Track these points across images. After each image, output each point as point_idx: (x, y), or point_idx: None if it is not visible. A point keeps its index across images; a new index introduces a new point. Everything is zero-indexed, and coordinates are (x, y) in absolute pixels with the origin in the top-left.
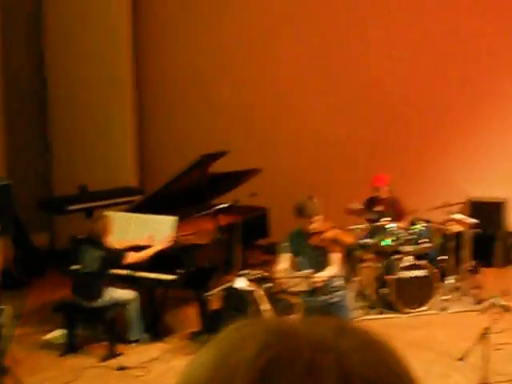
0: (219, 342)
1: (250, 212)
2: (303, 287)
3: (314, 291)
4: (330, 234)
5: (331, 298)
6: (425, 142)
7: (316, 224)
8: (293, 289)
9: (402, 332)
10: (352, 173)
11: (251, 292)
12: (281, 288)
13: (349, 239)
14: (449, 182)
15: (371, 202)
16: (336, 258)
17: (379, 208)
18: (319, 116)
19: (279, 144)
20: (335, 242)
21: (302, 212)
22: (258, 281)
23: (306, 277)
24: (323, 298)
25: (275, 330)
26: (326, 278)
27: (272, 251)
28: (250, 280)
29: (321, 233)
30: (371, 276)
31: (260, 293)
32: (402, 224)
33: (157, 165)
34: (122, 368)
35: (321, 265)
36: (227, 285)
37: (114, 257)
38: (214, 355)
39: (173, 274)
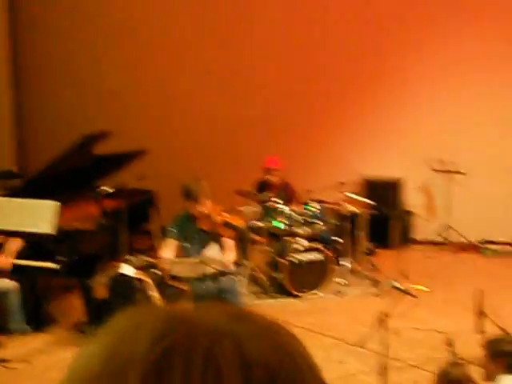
0: (109, 332)
1: (136, 195)
2: (193, 273)
3: (203, 277)
4: (219, 218)
5: (222, 284)
6: (317, 121)
7: (204, 207)
8: (182, 275)
9: (297, 317)
10: (242, 155)
11: (138, 279)
12: (169, 274)
13: (239, 222)
14: (342, 161)
15: (262, 187)
16: (229, 243)
17: (271, 194)
18: (208, 97)
19: (167, 125)
20: (225, 225)
21: (188, 194)
22: (146, 267)
23: (202, 262)
24: (213, 283)
25: (168, 318)
26: (229, 263)
27: (160, 236)
28: (136, 267)
29: (209, 216)
30: (263, 260)
31: (147, 279)
32: (294, 207)
33: (39, 148)
34: (2, 360)
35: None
36: (113, 272)
37: None
38: (103, 346)
39: (55, 261)
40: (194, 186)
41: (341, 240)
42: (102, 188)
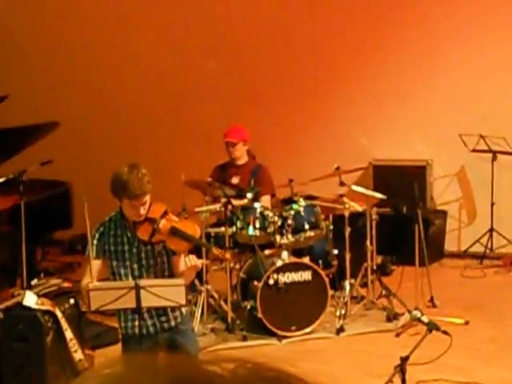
0: None
1: (42, 190)
2: (124, 304)
3: (140, 311)
4: (166, 224)
5: (169, 321)
6: (307, 89)
7: (143, 206)
8: (109, 307)
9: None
10: (194, 133)
11: (47, 312)
12: (93, 306)
13: (193, 229)
14: (342, 140)
15: (222, 172)
16: (180, 260)
17: (235, 180)
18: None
19: (90, 90)
20: (173, 234)
21: (124, 189)
22: (58, 296)
23: (136, 287)
24: (158, 320)
25: None
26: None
27: (76, 249)
28: (42, 295)
29: (152, 221)
30: (227, 283)
31: (59, 314)
32: (267, 203)
33: None
34: None
35: (152, 270)
36: (7, 303)
37: None
38: None
39: None
40: (131, 178)
41: (338, 252)
42: None
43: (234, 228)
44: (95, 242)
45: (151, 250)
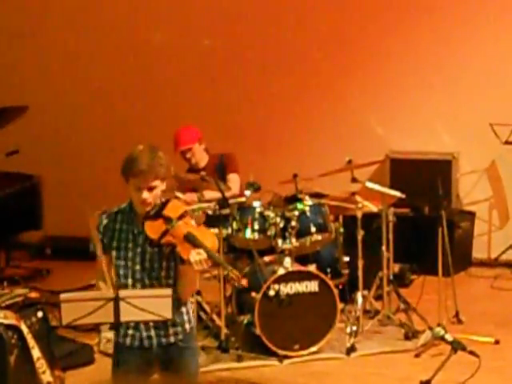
0: None
1: (6, 184)
2: (105, 318)
3: (118, 326)
4: (182, 228)
5: (167, 337)
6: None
7: (152, 195)
8: (85, 321)
9: None
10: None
11: (9, 327)
12: (64, 320)
13: (213, 242)
14: (354, 130)
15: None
16: (188, 271)
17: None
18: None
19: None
20: (189, 242)
21: (130, 166)
22: (23, 307)
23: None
24: (155, 334)
25: None
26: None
27: (46, 253)
28: (5, 306)
29: (167, 220)
30: (221, 293)
31: (24, 329)
32: (236, 183)
33: None
34: None
35: (154, 275)
36: None
37: None
38: None
39: None
40: (141, 153)
41: (349, 259)
42: None
43: (230, 230)
44: (100, 236)
45: (158, 253)
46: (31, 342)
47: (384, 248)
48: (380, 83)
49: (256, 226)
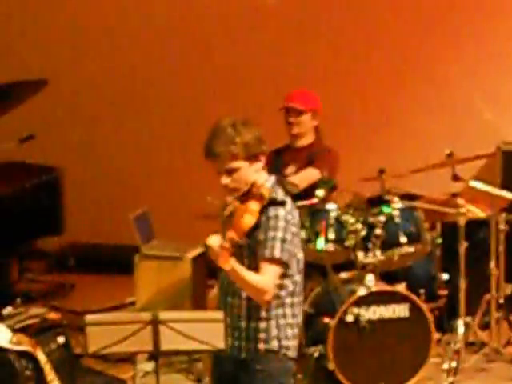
0: None
1: (21, 178)
2: (142, 345)
3: (158, 357)
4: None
5: (240, 351)
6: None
7: (230, 178)
8: (115, 349)
9: None
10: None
11: (22, 355)
12: (91, 348)
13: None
14: (457, 115)
15: (277, 159)
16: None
17: (290, 170)
18: None
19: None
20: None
21: (207, 149)
22: (40, 331)
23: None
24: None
25: None
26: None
27: (68, 265)
28: (19, 329)
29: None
30: None
31: (41, 357)
32: (304, 179)
33: None
34: None
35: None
36: None
37: None
38: None
39: None
40: (218, 127)
41: (449, 277)
42: None
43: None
44: None
45: (248, 248)
46: (50, 373)
47: (492, 264)
48: (490, 61)
49: (331, 235)
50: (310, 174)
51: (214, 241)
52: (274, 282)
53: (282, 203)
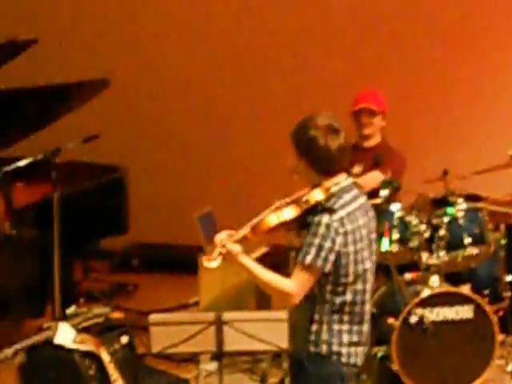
0: None
1: (85, 178)
2: (205, 346)
3: (221, 357)
4: None
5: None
6: None
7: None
8: (179, 349)
9: None
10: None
11: (86, 355)
12: (154, 347)
13: None
14: None
15: None
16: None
17: (357, 169)
18: None
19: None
20: None
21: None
22: (103, 331)
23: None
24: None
25: None
26: None
27: (132, 265)
28: (82, 329)
29: None
30: None
31: (105, 357)
32: (369, 181)
33: None
34: None
35: None
36: (32, 340)
37: None
38: None
39: None
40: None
41: None
42: (13, 161)
43: None
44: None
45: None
46: (114, 373)
47: None
48: None
49: (395, 236)
50: (376, 177)
51: (219, 237)
52: (302, 287)
53: (329, 210)
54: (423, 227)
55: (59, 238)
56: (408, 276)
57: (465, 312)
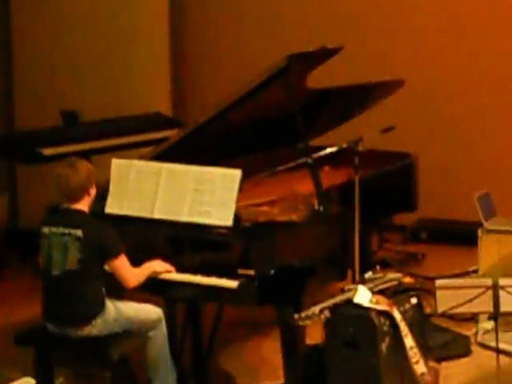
0: None
1: (382, 163)
2: (483, 307)
3: (497, 317)
4: None
5: None
6: None
7: None
8: (461, 309)
9: None
10: None
11: (381, 313)
12: (440, 308)
13: None
14: None
15: None
16: None
17: None
18: None
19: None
20: None
21: None
22: (396, 293)
23: None
24: None
25: None
26: None
27: (421, 237)
28: (378, 291)
29: None
30: None
31: (397, 315)
32: None
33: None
34: None
35: None
36: (337, 299)
37: (106, 244)
38: None
39: (234, 277)
40: None
41: None
42: (323, 148)
43: None
44: None
45: None
46: (404, 329)
47: None
48: None
49: None
50: None
51: None
52: None
53: None
54: None
55: (359, 213)
56: None
57: None
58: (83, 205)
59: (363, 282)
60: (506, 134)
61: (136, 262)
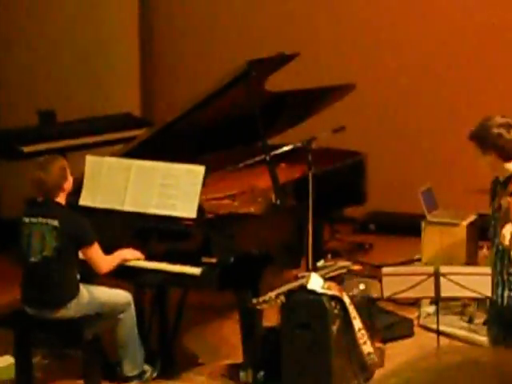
0: None
1: (333, 160)
2: (426, 292)
3: (438, 302)
4: None
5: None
6: None
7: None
8: (404, 294)
9: None
10: None
11: (332, 298)
12: (385, 293)
13: None
14: None
15: None
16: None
17: None
18: None
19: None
20: None
21: None
22: (345, 279)
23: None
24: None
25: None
26: None
27: (369, 228)
28: (329, 278)
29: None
30: None
31: (346, 300)
32: None
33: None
34: None
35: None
36: (292, 285)
37: (80, 233)
38: None
39: (197, 264)
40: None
41: None
42: (280, 147)
43: None
44: None
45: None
46: (353, 312)
47: None
48: None
49: None
50: None
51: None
52: None
53: None
54: None
55: (313, 206)
56: None
57: None
58: (59, 198)
59: (316, 269)
60: (447, 133)
61: (108, 250)
